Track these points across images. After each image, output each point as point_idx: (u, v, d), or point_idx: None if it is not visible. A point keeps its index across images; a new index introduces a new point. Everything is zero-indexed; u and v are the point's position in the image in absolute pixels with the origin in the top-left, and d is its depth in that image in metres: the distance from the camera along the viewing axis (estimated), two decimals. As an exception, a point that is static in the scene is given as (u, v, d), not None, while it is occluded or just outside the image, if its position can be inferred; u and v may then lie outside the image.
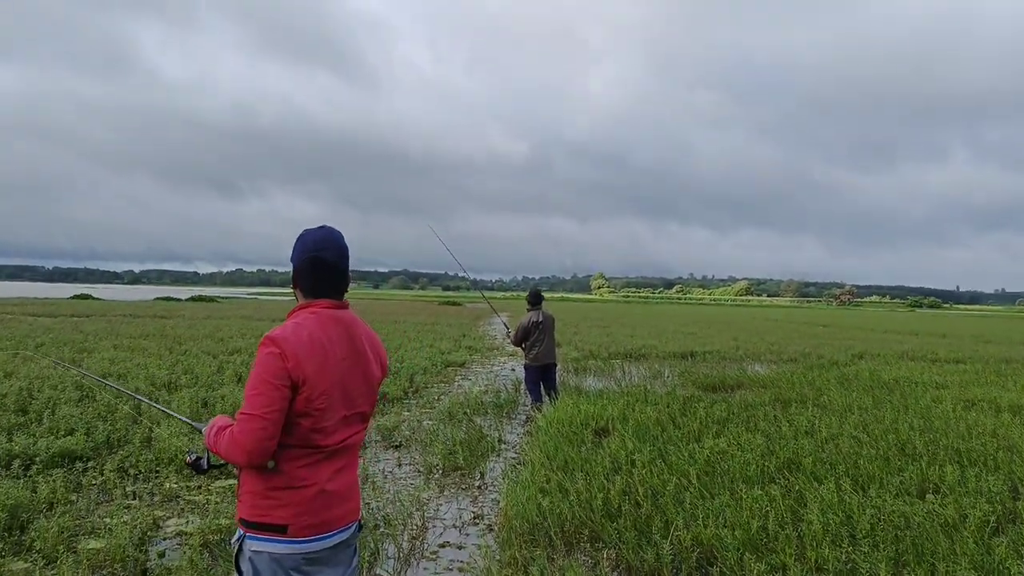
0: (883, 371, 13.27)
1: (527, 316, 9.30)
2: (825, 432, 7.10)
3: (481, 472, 6.04)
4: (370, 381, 2.39)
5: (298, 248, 2.35)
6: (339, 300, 2.35)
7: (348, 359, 2.30)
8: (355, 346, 2.33)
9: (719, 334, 25.68)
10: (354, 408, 2.33)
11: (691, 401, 9.00)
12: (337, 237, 2.37)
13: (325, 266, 2.31)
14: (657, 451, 6.20)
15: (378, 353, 2.47)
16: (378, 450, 6.83)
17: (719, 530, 4.22)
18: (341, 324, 2.31)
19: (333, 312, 2.31)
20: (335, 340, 2.27)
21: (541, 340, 9.16)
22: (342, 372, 2.27)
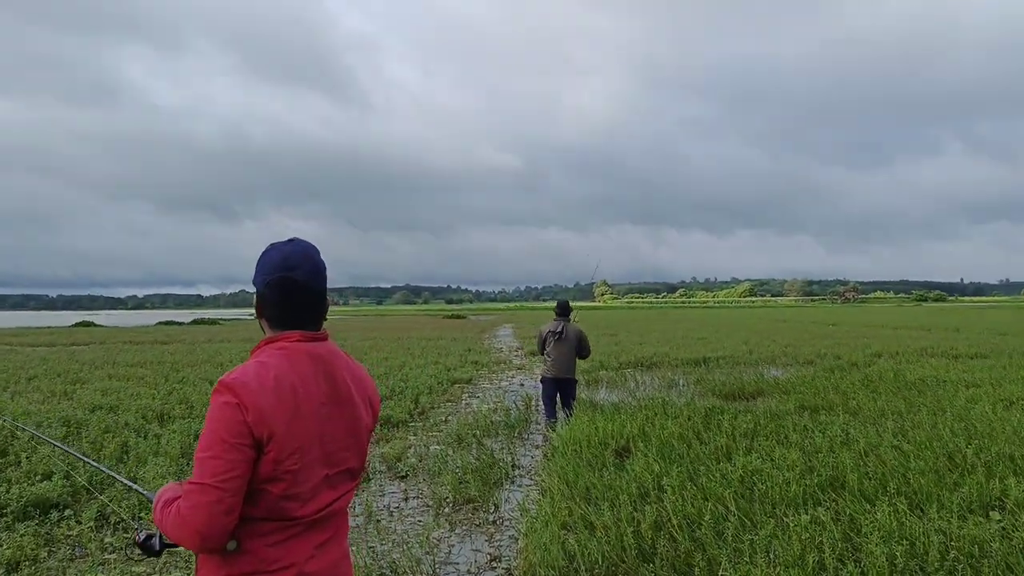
0: (907, 371, 12.74)
1: (545, 325, 8.86)
2: (863, 442, 6.59)
3: (495, 503, 5.54)
4: (357, 430, 1.91)
5: (262, 267, 1.87)
6: (315, 331, 1.88)
7: (328, 405, 1.82)
8: (337, 388, 1.85)
9: (729, 338, 25.14)
10: (338, 465, 1.84)
11: (713, 412, 8.48)
12: (311, 253, 1.88)
13: (296, 288, 1.82)
14: (686, 472, 5.69)
15: (367, 394, 1.98)
16: (384, 481, 6.33)
17: (771, 570, 3.71)
18: (318, 361, 1.83)
19: (307, 347, 1.82)
20: (310, 382, 1.79)
21: (556, 351, 8.68)
22: (321, 422, 1.79)
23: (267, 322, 1.88)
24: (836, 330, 30.63)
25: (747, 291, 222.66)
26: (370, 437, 2.01)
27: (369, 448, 2.00)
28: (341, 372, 1.88)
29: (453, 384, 13.41)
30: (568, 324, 8.79)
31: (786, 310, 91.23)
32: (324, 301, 1.92)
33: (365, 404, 1.95)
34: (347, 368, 1.92)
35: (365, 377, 2.00)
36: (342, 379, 1.87)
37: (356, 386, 1.92)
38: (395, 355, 19.19)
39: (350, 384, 1.89)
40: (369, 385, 2.01)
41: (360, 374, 1.98)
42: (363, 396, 1.95)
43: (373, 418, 2.01)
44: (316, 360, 1.82)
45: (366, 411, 1.95)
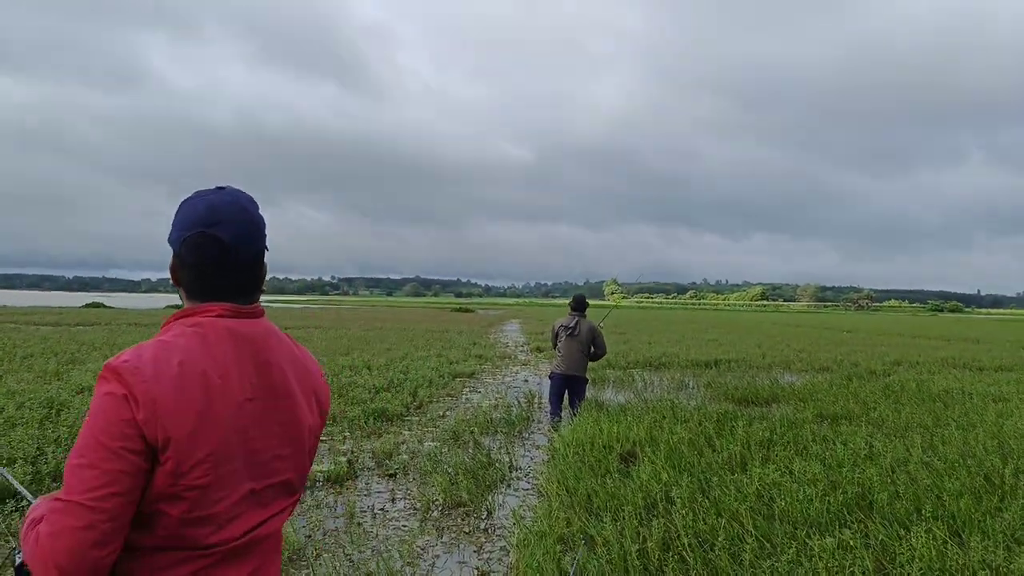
0: (930, 381, 12.18)
1: (559, 320, 8.46)
2: (890, 457, 6.09)
3: (488, 509, 5.09)
4: (297, 432, 1.46)
5: (180, 220, 1.41)
6: (244, 304, 1.44)
7: (257, 400, 1.37)
8: (271, 378, 1.41)
9: (741, 340, 24.57)
10: (269, 477, 1.40)
11: (726, 418, 8.00)
12: (244, 204, 1.43)
13: (221, 249, 1.38)
14: (697, 483, 5.23)
15: (312, 387, 1.54)
16: (371, 479, 5.90)
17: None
18: (245, 343, 1.38)
19: (231, 324, 1.38)
20: (231, 370, 1.34)
21: (567, 347, 8.27)
22: (244, 423, 1.35)
23: (184, 292, 1.44)
24: (852, 337, 29.96)
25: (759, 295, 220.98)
26: (316, 441, 1.57)
27: (315, 455, 1.46)
28: (277, 358, 1.44)
29: (455, 378, 12.98)
30: (582, 320, 8.37)
31: (799, 315, 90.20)
32: (259, 267, 1.47)
33: (309, 400, 1.51)
34: (287, 354, 1.48)
35: (311, 366, 1.56)
36: (278, 367, 1.43)
37: (298, 377, 1.48)
38: (399, 346, 18.80)
39: (288, 374, 1.45)
40: (316, 376, 1.56)
41: (305, 362, 1.54)
42: (307, 389, 1.51)
43: (320, 417, 1.57)
44: (242, 342, 1.38)
45: (310, 408, 1.51)
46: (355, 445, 7.05)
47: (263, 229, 1.46)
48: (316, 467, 6.03)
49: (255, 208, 1.46)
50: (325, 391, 1.59)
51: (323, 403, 1.58)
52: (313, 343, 18.81)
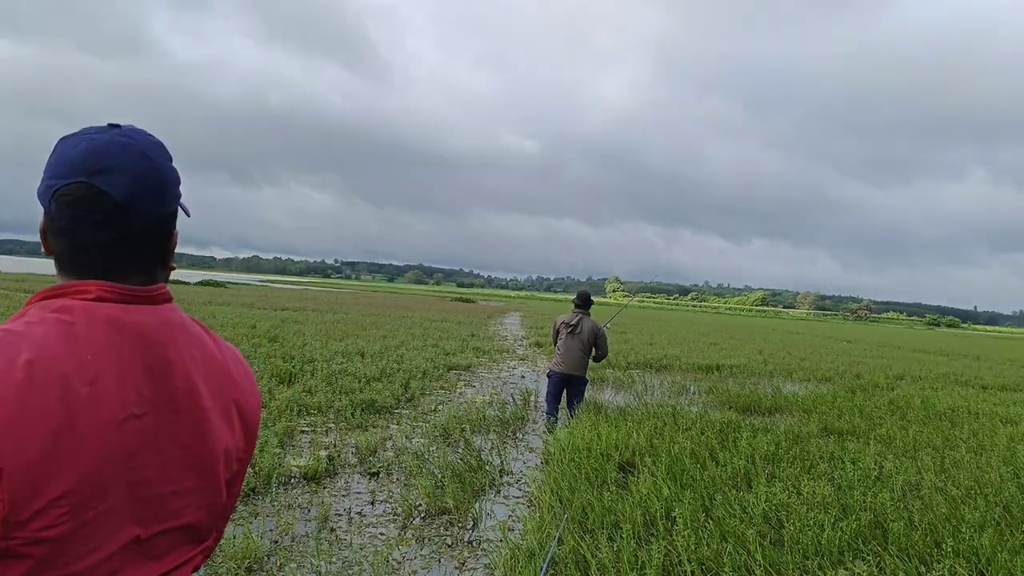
0: (935, 398, 11.83)
1: (563, 315, 8.12)
2: (901, 480, 5.75)
3: (475, 518, 4.75)
4: (205, 457, 1.09)
5: (52, 164, 1.03)
6: (139, 285, 1.07)
7: (149, 416, 1.00)
8: (168, 387, 1.03)
9: (743, 346, 24.23)
10: (162, 521, 1.02)
11: (728, 428, 7.66)
12: (142, 148, 1.05)
13: (103, 207, 1.00)
14: (699, 500, 4.89)
15: (233, 396, 1.16)
16: (352, 478, 5.55)
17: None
18: (132, 339, 1.00)
19: (114, 312, 1.01)
20: (108, 375, 0.97)
21: (567, 345, 7.94)
22: (126, 446, 0.97)
23: (56, 265, 1.07)
24: (852, 347, 29.62)
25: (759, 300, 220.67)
26: (240, 468, 1.20)
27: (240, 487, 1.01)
28: (182, 359, 1.07)
29: (450, 370, 12.64)
30: (586, 318, 8.03)
31: (799, 323, 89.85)
32: (163, 235, 1.09)
33: (228, 414, 1.14)
34: (199, 353, 1.11)
35: (235, 369, 1.18)
36: (182, 371, 1.06)
37: (213, 384, 1.11)
38: (395, 334, 18.46)
39: (197, 380, 1.08)
40: (240, 383, 1.18)
41: (226, 364, 1.16)
42: (225, 400, 1.13)
43: (245, 436, 1.19)
44: (129, 336, 1.00)
45: (229, 425, 1.14)
46: (338, 438, 6.71)
47: (174, 185, 1.08)
48: (293, 462, 5.69)
49: (163, 156, 1.08)
50: (252, 402, 1.21)
51: (249, 418, 1.20)
52: (307, 326, 18.46)
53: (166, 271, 1.12)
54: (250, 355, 11.21)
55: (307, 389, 8.75)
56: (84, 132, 1.04)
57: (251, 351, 11.68)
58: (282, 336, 14.94)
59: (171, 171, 1.09)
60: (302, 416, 7.58)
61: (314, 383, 9.06)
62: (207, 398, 1.09)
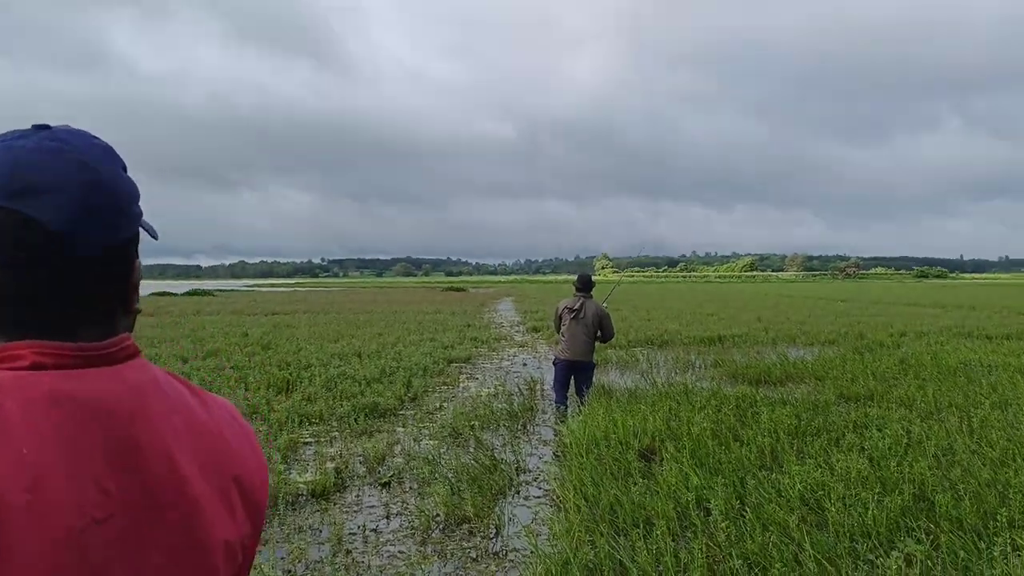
0: (944, 354, 11.67)
1: (565, 300, 7.83)
2: (933, 445, 5.53)
3: (496, 524, 4.48)
4: (198, 557, 0.77)
5: None
6: (91, 341, 0.76)
7: (116, 518, 0.68)
8: (141, 477, 0.71)
9: (740, 314, 24.08)
10: None
11: (745, 403, 7.43)
12: (79, 155, 0.73)
13: (33, 239, 0.68)
14: (731, 486, 4.64)
15: (232, 473, 0.85)
16: (362, 491, 5.27)
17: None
18: (88, 420, 0.68)
19: (60, 384, 0.68)
20: (56, 473, 0.64)
21: (571, 331, 7.66)
22: (91, 562, 0.64)
23: None
24: (848, 307, 29.57)
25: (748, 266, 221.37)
26: (250, 557, 0.89)
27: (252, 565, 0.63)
28: (160, 435, 0.75)
29: (450, 364, 12.35)
30: (588, 301, 7.74)
31: (790, 285, 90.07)
32: (119, 271, 0.78)
33: (225, 498, 0.82)
34: (181, 423, 0.79)
35: (233, 434, 0.87)
36: (159, 452, 0.74)
37: (203, 462, 0.79)
38: (390, 330, 18.14)
39: (181, 461, 0.77)
40: (241, 451, 0.87)
41: (219, 431, 0.84)
42: (221, 480, 0.82)
43: (251, 521, 0.88)
44: (83, 415, 0.69)
45: (229, 510, 0.82)
46: (344, 448, 6.42)
47: (129, 201, 0.77)
48: (299, 478, 5.40)
49: (112, 164, 0.77)
50: (257, 475, 0.89)
51: (254, 495, 0.88)
52: (300, 329, 18.11)
53: (129, 316, 0.81)
54: (245, 365, 10.88)
55: (306, 397, 8.45)
56: (3, 140, 0.73)
57: (246, 361, 11.34)
58: (276, 342, 14.60)
59: (124, 183, 0.77)
60: (304, 426, 7.28)
61: (313, 390, 8.76)
62: (197, 482, 0.78)
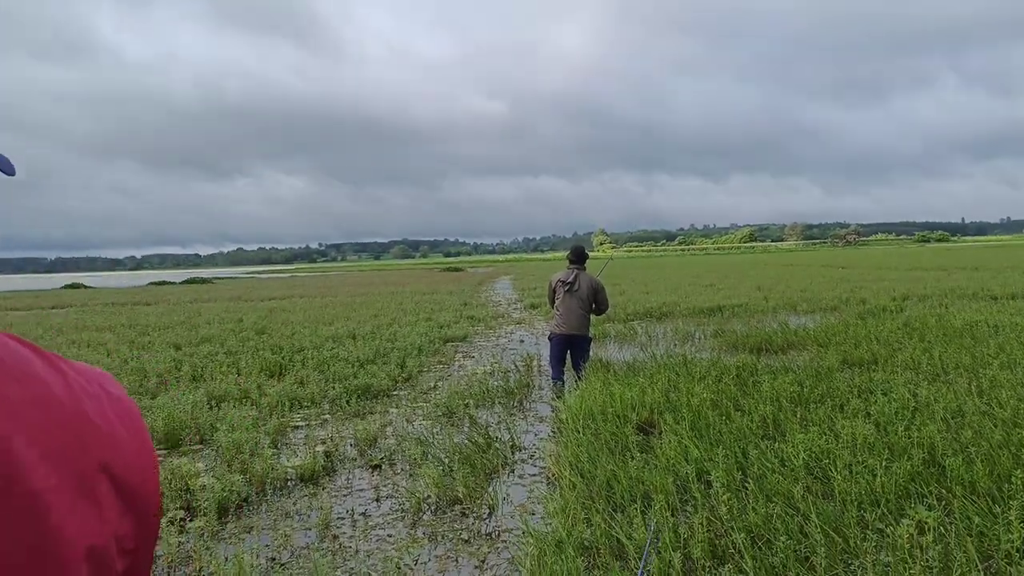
0: (949, 315, 11.47)
1: (556, 274, 7.65)
2: (942, 407, 5.34)
3: (490, 504, 4.31)
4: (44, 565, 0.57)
5: None
6: None
7: None
8: None
9: (739, 284, 23.87)
10: None
11: (745, 371, 7.25)
12: None
13: None
14: (732, 457, 4.46)
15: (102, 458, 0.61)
16: (352, 473, 5.10)
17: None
18: None
19: None
20: None
21: (565, 305, 7.49)
22: None
23: None
24: (849, 273, 29.35)
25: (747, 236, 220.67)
26: (140, 562, 0.67)
27: None
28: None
29: (446, 343, 12.17)
30: (582, 273, 7.55)
31: (790, 254, 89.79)
32: None
33: (86, 489, 0.59)
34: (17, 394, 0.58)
35: (98, 411, 0.65)
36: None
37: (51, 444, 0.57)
38: (386, 311, 17.95)
39: (17, 443, 0.55)
40: (113, 433, 0.65)
41: (78, 407, 0.62)
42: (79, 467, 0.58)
43: (135, 518, 0.65)
44: None
45: (90, 507, 0.58)
46: (335, 430, 6.24)
47: None
48: (288, 463, 5.23)
49: None
50: (136, 460, 0.67)
51: (133, 486, 0.66)
52: (296, 314, 17.92)
53: None
54: (238, 351, 10.71)
55: (298, 380, 8.27)
56: None
57: (239, 346, 11.16)
58: (270, 327, 14.42)
59: None
60: (295, 410, 7.12)
61: (305, 373, 8.58)
62: (39, 471, 0.57)
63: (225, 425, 5.96)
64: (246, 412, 6.55)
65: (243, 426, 5.83)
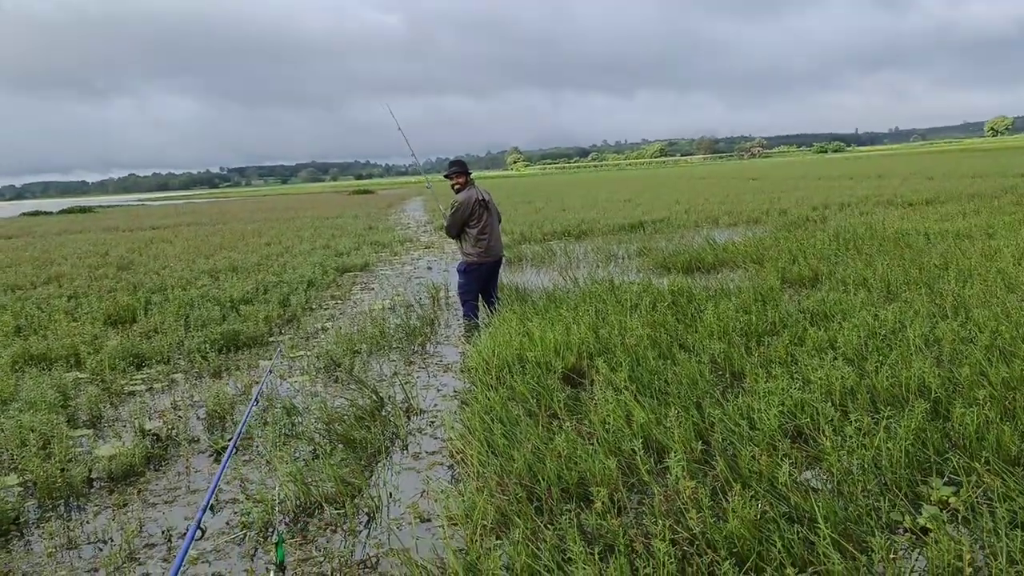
0: (877, 224, 10.95)
1: (464, 193, 6.34)
2: (915, 334, 4.49)
3: (371, 508, 3.14)
4: None
5: None
6: None
7: None
8: None
9: (657, 199, 23.17)
10: None
11: (680, 297, 6.30)
12: None
13: None
14: (688, 419, 3.44)
15: None
16: (189, 463, 3.80)
17: None
18: None
19: None
20: None
21: (490, 226, 6.35)
22: None
23: None
24: (761, 184, 29.22)
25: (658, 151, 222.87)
26: None
27: None
28: None
29: (343, 273, 10.76)
30: (482, 187, 6.40)
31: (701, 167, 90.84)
32: None
33: None
34: None
35: None
36: None
37: None
38: (280, 239, 16.18)
39: None
40: None
41: None
42: None
43: None
44: None
45: None
46: (183, 397, 4.89)
47: None
48: (99, 451, 3.88)
49: None
50: None
51: None
52: (175, 245, 15.88)
53: None
54: (86, 292, 8.97)
55: (149, 329, 6.76)
56: None
57: (85, 287, 9.38)
58: (138, 262, 12.51)
59: None
60: (143, 370, 5.68)
61: (160, 319, 7.06)
62: None
63: (23, 397, 4.51)
64: (59, 375, 5.09)
65: (42, 399, 4.38)
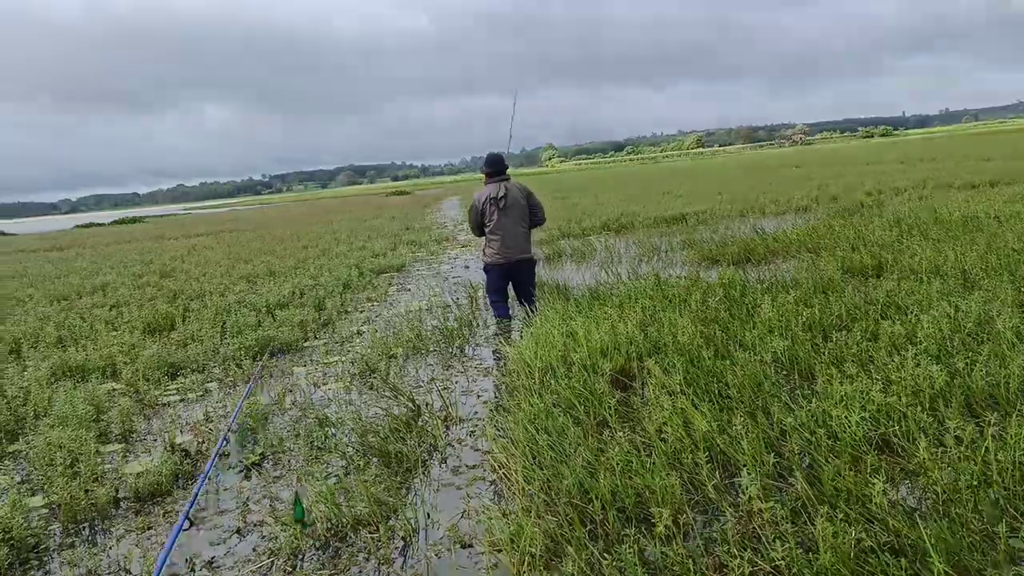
0: (942, 209, 10.29)
1: (479, 192, 6.08)
2: (1008, 326, 4.04)
3: (406, 532, 2.86)
4: None
5: None
6: None
7: None
8: None
9: (698, 190, 22.55)
10: None
11: (732, 290, 5.90)
12: None
13: None
14: (756, 427, 3.08)
15: None
16: (219, 482, 3.59)
17: None
18: None
19: None
20: None
21: (502, 226, 5.98)
22: None
23: None
24: (806, 171, 28.27)
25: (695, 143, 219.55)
26: None
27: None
28: None
29: (379, 274, 10.58)
30: (509, 184, 6.05)
31: (740, 157, 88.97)
32: None
33: None
34: None
35: None
36: None
37: None
38: (317, 242, 16.15)
39: None
40: None
41: None
42: None
43: None
44: None
45: None
46: (214, 408, 4.71)
47: None
48: (126, 468, 3.70)
49: None
50: None
51: None
52: (216, 251, 15.98)
53: None
54: (128, 301, 8.95)
55: (186, 337, 6.64)
56: None
57: (128, 296, 9.38)
58: (180, 269, 12.56)
59: None
60: (175, 380, 5.54)
61: (197, 327, 6.93)
62: None
63: (55, 412, 4.37)
64: (97, 389, 4.96)
65: (73, 414, 4.24)
